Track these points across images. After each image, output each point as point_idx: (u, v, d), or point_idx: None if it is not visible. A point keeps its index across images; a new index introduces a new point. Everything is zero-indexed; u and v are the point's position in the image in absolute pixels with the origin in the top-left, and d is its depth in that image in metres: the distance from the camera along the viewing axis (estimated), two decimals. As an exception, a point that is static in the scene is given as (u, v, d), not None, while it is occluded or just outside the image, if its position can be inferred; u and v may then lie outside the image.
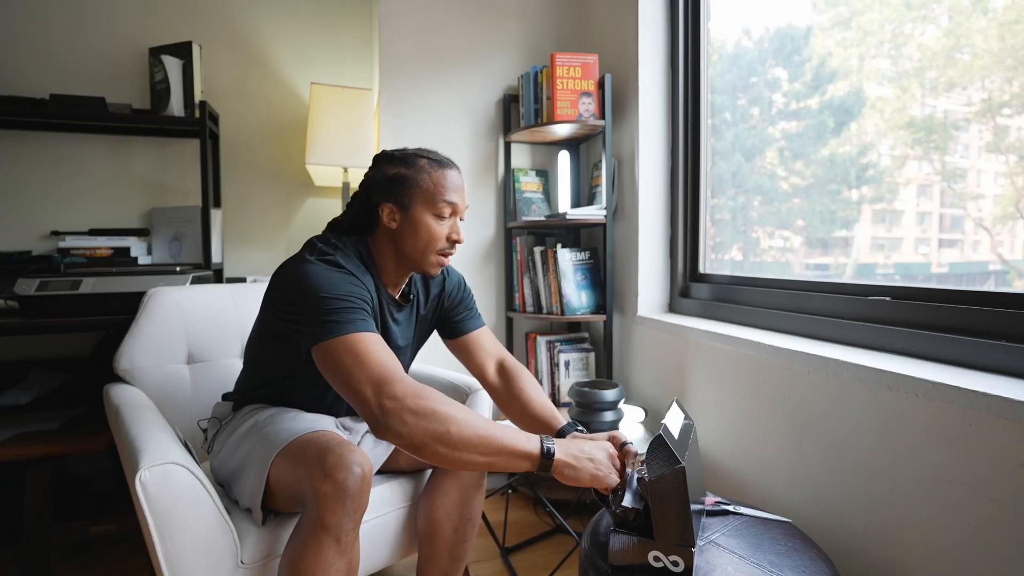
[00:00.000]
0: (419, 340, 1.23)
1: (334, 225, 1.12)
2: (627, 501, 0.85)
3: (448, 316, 1.23)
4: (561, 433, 1.03)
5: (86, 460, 1.90)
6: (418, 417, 0.80)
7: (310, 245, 1.02)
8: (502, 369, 1.22)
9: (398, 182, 1.03)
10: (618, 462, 0.91)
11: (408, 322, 1.16)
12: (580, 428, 1.05)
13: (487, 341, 1.24)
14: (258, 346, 1.09)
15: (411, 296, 1.16)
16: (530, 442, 0.86)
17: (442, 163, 1.05)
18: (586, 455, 0.88)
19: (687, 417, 0.97)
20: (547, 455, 0.85)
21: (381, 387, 0.82)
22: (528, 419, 1.11)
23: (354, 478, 0.84)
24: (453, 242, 1.06)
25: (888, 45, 1.27)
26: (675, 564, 0.79)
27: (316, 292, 0.90)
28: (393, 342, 1.11)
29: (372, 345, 0.87)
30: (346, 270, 0.97)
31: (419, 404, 0.81)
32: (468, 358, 1.23)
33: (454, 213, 1.06)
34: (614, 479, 0.88)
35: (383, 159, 1.07)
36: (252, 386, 1.12)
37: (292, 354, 1.02)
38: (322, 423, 1.05)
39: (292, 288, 0.92)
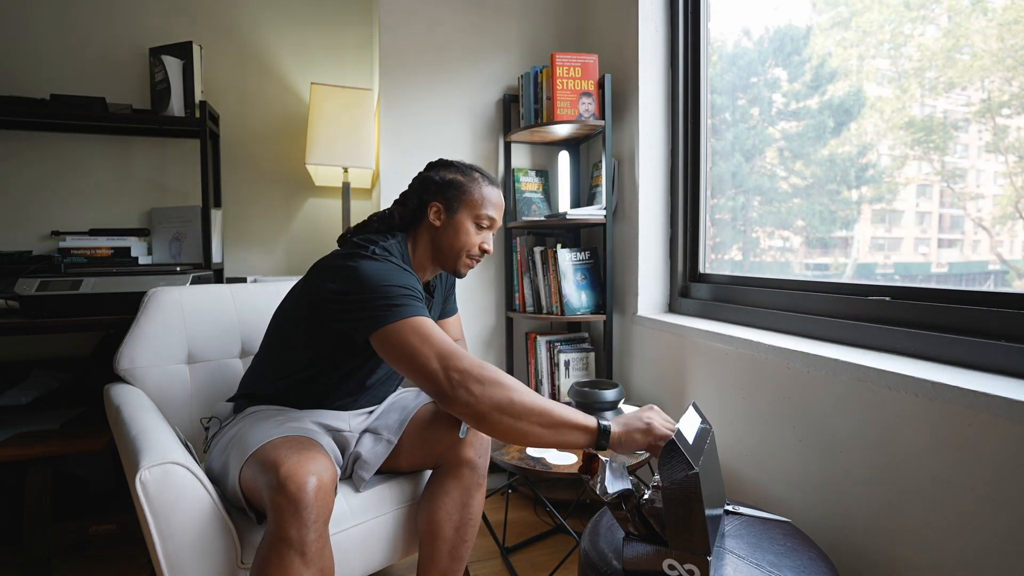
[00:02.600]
0: None
1: (381, 216, 1.18)
2: (611, 487, 0.83)
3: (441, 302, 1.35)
4: None
5: (86, 460, 1.90)
6: (483, 385, 0.87)
7: (362, 245, 1.07)
8: None
9: (453, 187, 1.15)
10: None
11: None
12: None
13: (457, 328, 1.40)
14: (288, 337, 1.12)
15: (432, 290, 1.28)
16: (587, 418, 0.91)
17: (492, 182, 1.19)
18: (638, 421, 0.93)
19: (704, 421, 0.96)
20: (604, 430, 0.91)
21: (448, 361, 0.89)
22: None
23: (309, 489, 0.83)
24: (483, 251, 1.18)
25: (888, 45, 1.27)
26: (690, 573, 0.78)
27: (380, 282, 0.96)
28: None
29: (433, 327, 0.94)
30: (401, 267, 1.05)
31: (483, 373, 0.88)
32: None
33: (490, 227, 1.18)
34: (667, 432, 0.92)
35: (442, 165, 1.20)
36: (261, 383, 1.13)
37: (321, 348, 1.07)
38: (300, 427, 1.03)
39: (350, 280, 0.97)
